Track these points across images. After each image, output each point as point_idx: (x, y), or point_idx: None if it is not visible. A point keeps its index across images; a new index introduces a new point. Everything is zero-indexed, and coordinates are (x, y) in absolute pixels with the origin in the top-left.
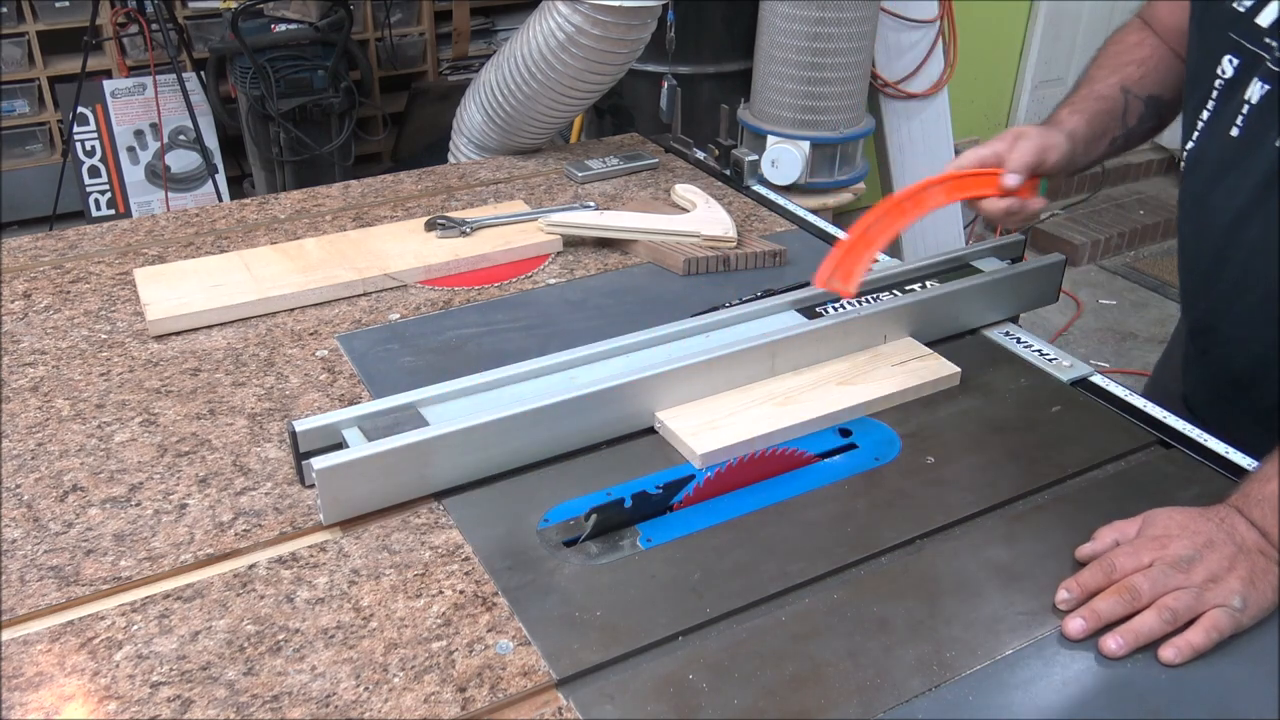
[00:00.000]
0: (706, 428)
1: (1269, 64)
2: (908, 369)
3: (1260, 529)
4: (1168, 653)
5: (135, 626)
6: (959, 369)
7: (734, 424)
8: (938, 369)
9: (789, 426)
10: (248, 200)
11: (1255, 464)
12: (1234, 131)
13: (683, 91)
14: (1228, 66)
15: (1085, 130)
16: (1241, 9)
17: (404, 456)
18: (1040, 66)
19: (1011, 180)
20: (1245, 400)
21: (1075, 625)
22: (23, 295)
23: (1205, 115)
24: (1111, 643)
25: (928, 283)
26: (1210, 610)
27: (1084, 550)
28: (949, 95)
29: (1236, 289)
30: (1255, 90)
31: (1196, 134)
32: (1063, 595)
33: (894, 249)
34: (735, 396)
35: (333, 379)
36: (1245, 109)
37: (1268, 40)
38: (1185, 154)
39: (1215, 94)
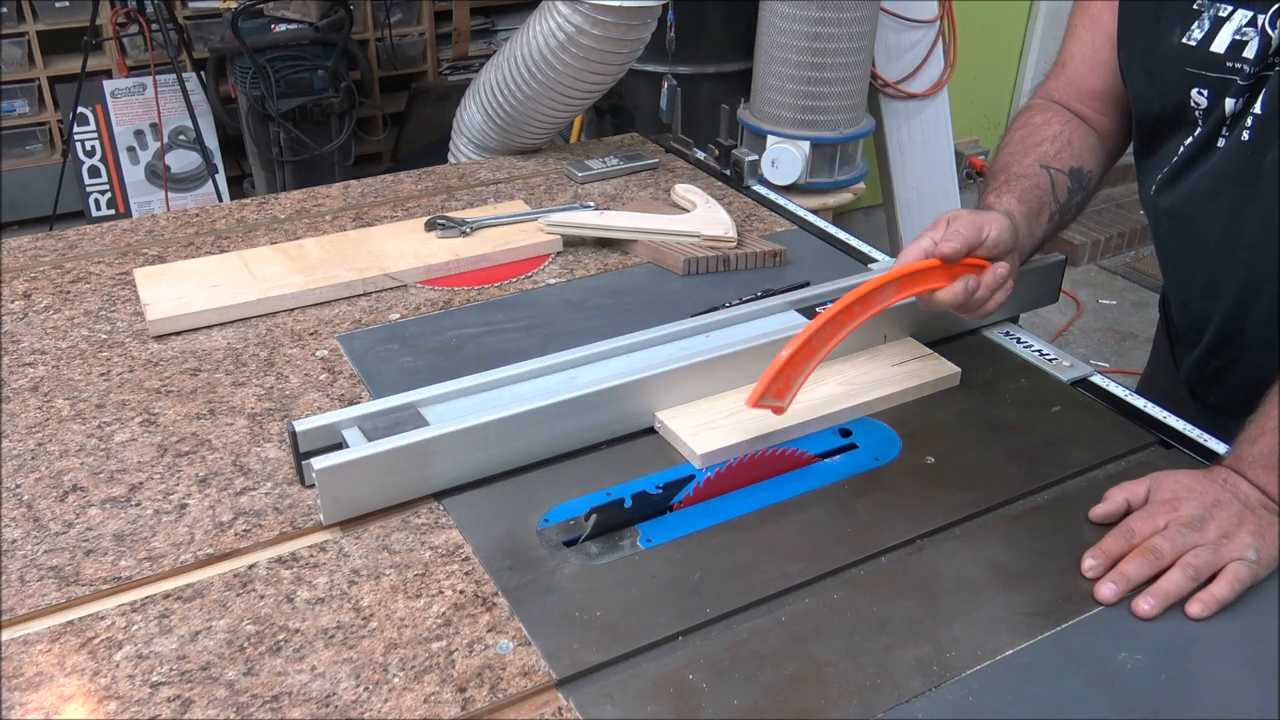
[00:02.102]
0: (706, 427)
1: (1240, 82)
2: (908, 369)
3: (1260, 487)
4: (1194, 608)
5: (135, 626)
6: (959, 369)
7: (733, 424)
8: (938, 369)
9: (789, 426)
10: (248, 200)
11: None
12: (1220, 143)
13: (683, 91)
14: (1199, 99)
15: (1020, 207)
16: (1193, 42)
17: (404, 456)
18: (1040, 66)
19: (947, 247)
20: (1206, 413)
21: (1107, 590)
22: (23, 295)
23: (1188, 141)
24: (1144, 604)
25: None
26: (1229, 564)
27: (1097, 511)
28: (949, 95)
29: (1250, 290)
30: (1233, 105)
31: (1175, 159)
32: (1089, 564)
33: (894, 249)
34: (734, 397)
35: (333, 379)
36: (1228, 121)
37: (1229, 64)
38: (1155, 184)
39: (1200, 121)
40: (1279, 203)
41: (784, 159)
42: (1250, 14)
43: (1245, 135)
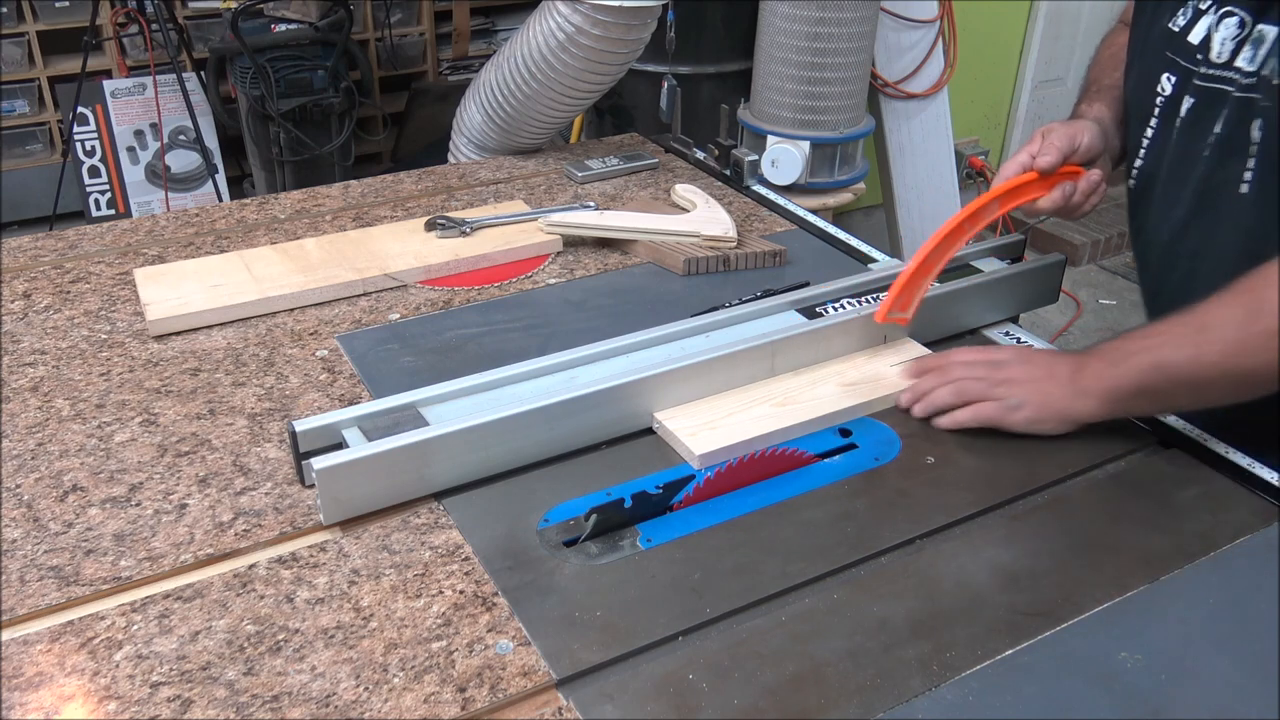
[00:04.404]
0: (705, 428)
1: (1196, 80)
2: (905, 370)
3: (1085, 369)
4: (942, 420)
5: (135, 626)
6: None
7: (732, 424)
8: None
9: (788, 427)
10: (248, 200)
11: (1251, 462)
12: (1172, 144)
13: (683, 91)
14: (1166, 85)
15: (1109, 114)
16: (1176, 28)
17: (404, 456)
18: (1040, 66)
19: (1044, 161)
20: (1205, 414)
21: (904, 397)
22: (23, 295)
23: (1149, 133)
24: (904, 397)
25: None
26: (987, 400)
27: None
28: (949, 95)
29: (1184, 296)
30: (1186, 104)
31: (1142, 152)
32: (905, 397)
33: (894, 249)
34: (734, 397)
35: (333, 379)
36: (1179, 123)
37: (1198, 55)
38: (1134, 173)
39: (1157, 111)
40: (1224, 221)
41: (784, 159)
42: (1218, 11)
43: (1206, 151)
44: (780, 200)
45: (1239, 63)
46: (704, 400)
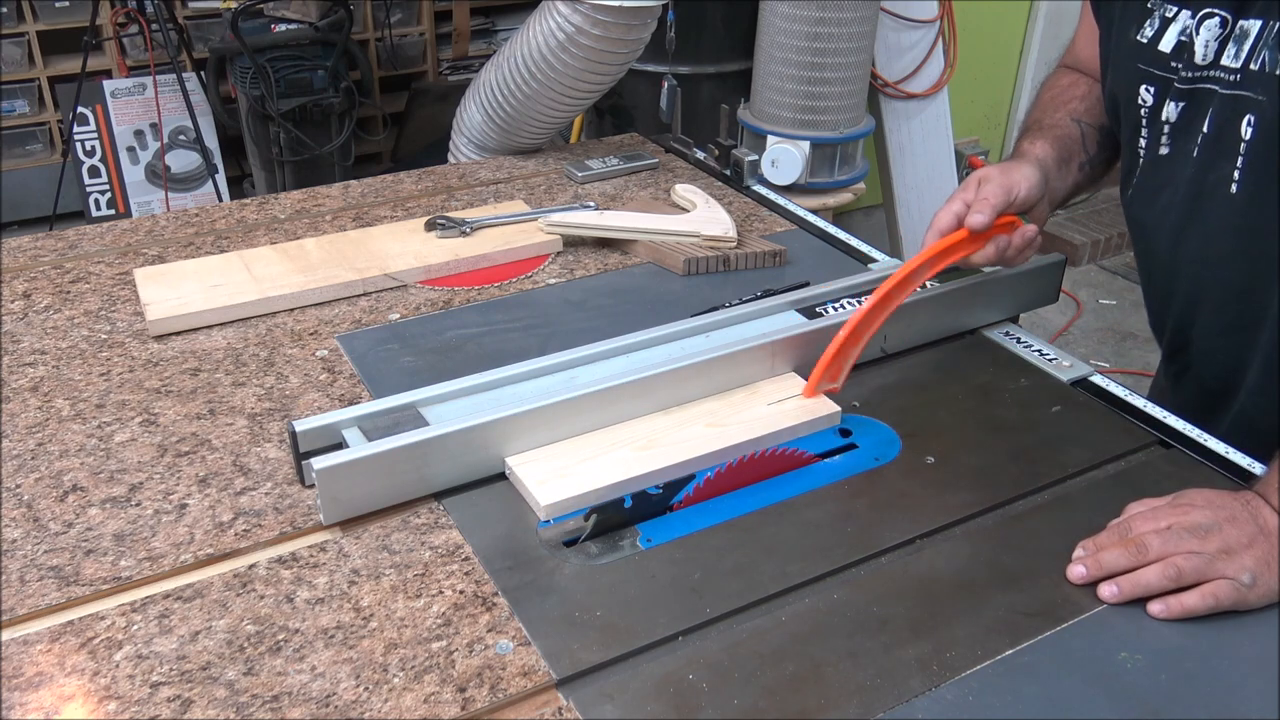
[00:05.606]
0: (555, 475)
1: (1177, 84)
2: (783, 409)
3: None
4: (1156, 607)
5: (135, 626)
6: (839, 408)
7: (586, 471)
8: (815, 409)
9: (648, 473)
10: (248, 200)
11: (1251, 462)
12: (1163, 151)
13: (683, 91)
14: (1146, 95)
15: (1052, 154)
16: (1144, 40)
17: (404, 456)
18: (1040, 66)
19: (977, 220)
20: (1227, 415)
21: (1077, 570)
22: (23, 295)
23: (1141, 144)
24: (1107, 589)
25: (927, 283)
26: (1216, 579)
27: (1113, 524)
28: (949, 95)
29: (1192, 303)
30: (1171, 110)
31: (1139, 164)
32: (1078, 552)
33: (894, 249)
34: (598, 438)
35: (333, 379)
36: (1167, 129)
37: (1173, 64)
38: (1131, 189)
39: (1144, 123)
40: (1218, 222)
41: (784, 159)
42: (1191, 17)
43: (1195, 153)
44: (780, 200)
45: (1225, 61)
46: (567, 441)
